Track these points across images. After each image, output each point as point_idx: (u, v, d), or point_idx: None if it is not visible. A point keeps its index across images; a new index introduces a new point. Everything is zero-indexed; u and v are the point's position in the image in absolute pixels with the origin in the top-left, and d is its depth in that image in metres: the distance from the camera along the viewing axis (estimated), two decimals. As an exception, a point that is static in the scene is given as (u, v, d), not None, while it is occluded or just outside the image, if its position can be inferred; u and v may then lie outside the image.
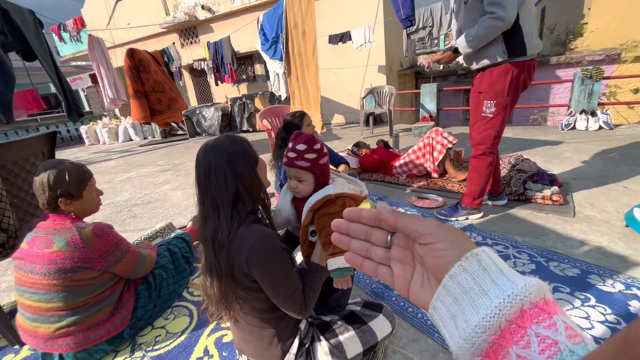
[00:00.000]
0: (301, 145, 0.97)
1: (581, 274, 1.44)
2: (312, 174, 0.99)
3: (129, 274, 1.35)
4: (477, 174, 1.96)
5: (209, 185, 0.84)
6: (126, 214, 3.02)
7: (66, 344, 1.18)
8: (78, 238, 1.16)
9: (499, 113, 1.80)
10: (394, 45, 6.82)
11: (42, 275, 1.13)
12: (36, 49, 2.07)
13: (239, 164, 0.86)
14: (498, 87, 1.76)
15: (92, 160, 6.47)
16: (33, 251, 1.16)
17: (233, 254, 0.82)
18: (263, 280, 0.83)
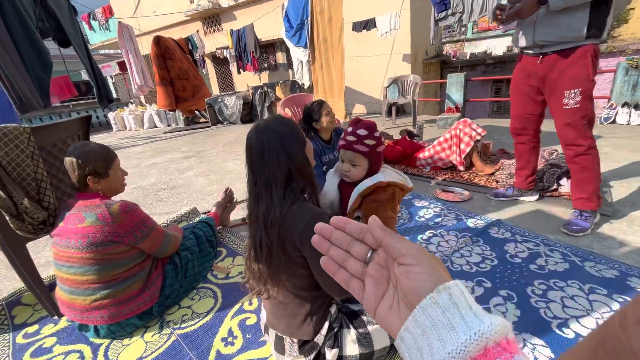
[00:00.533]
0: (362, 131, 0.99)
1: (620, 276, 1.36)
2: (367, 159, 1.01)
3: (156, 251, 1.40)
4: (590, 173, 1.67)
5: (262, 165, 0.86)
6: (152, 197, 3.13)
7: (100, 317, 1.25)
8: (107, 213, 1.22)
9: (586, 101, 1.55)
10: (420, 33, 6.57)
11: (76, 249, 1.21)
12: (71, 35, 2.14)
13: (290, 144, 0.87)
14: (582, 72, 1.51)
15: (120, 146, 6.72)
16: (68, 227, 1.24)
17: (286, 229, 0.84)
18: (313, 257, 0.84)
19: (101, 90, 2.34)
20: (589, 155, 1.64)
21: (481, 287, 1.39)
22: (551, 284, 1.36)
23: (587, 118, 1.59)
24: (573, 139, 1.64)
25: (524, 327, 1.16)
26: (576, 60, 1.52)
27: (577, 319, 1.17)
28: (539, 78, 1.69)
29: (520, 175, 2.07)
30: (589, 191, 1.70)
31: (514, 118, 1.93)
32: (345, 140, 1.01)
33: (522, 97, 1.83)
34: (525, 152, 1.98)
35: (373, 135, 1.00)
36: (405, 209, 2.20)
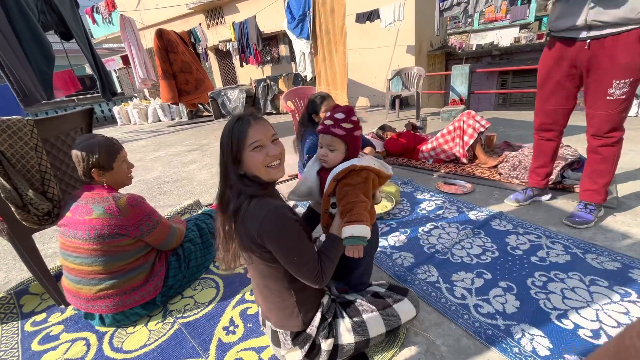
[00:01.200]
0: (340, 114, 0.99)
1: (622, 268, 1.35)
2: (344, 143, 1.00)
3: (160, 244, 1.42)
4: (609, 165, 1.59)
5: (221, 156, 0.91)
6: (156, 190, 3.16)
7: (105, 306, 1.28)
8: (114, 206, 1.24)
9: (632, 92, 1.42)
10: (424, 24, 6.47)
11: (84, 240, 1.23)
12: (73, 28, 2.14)
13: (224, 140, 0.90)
14: (636, 60, 1.36)
15: (124, 140, 6.77)
16: (75, 218, 1.26)
17: (247, 226, 0.86)
18: (277, 251, 0.86)
19: (104, 83, 2.35)
20: (615, 147, 1.56)
21: (481, 278, 1.39)
22: (552, 275, 1.36)
23: (627, 110, 1.49)
24: (605, 131, 1.54)
25: (522, 318, 1.16)
26: (631, 46, 1.35)
27: (576, 310, 1.17)
28: (583, 64, 1.51)
29: (539, 174, 1.92)
30: (600, 183, 1.65)
31: (543, 113, 1.76)
32: (323, 125, 1.01)
33: (556, 89, 1.66)
34: (549, 150, 1.83)
35: (350, 119, 0.99)
36: (407, 202, 2.20)
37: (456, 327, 1.17)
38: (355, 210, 0.92)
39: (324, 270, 0.92)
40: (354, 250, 0.92)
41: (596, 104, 1.52)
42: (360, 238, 0.91)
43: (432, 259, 1.56)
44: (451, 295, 1.31)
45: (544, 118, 1.77)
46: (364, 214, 0.93)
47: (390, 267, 1.54)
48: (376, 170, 1.01)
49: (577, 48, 1.50)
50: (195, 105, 5.91)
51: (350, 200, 0.94)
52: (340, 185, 0.98)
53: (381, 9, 5.42)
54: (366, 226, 0.91)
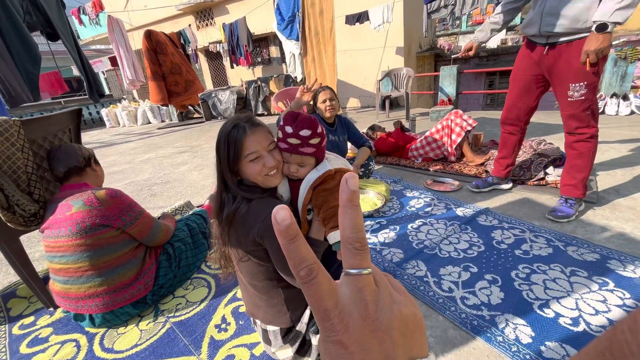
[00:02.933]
0: (305, 131, 0.91)
1: (601, 259, 1.41)
2: (315, 158, 0.97)
3: (146, 237, 1.43)
4: (585, 160, 1.67)
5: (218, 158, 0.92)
6: (146, 192, 3.13)
7: (95, 305, 1.28)
8: (94, 198, 1.27)
9: (591, 93, 1.53)
10: (413, 25, 6.56)
11: (67, 236, 1.23)
12: (59, 29, 2.12)
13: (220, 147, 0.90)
14: (582, 66, 1.47)
15: (114, 142, 6.67)
16: (57, 217, 1.27)
17: (247, 225, 0.87)
18: (274, 250, 0.87)
19: (92, 84, 2.33)
20: (589, 143, 1.65)
21: (468, 272, 1.43)
22: (535, 267, 1.40)
23: (590, 109, 1.58)
24: (574, 128, 1.65)
25: (506, 309, 1.20)
26: (578, 53, 1.47)
27: (557, 299, 1.21)
28: (545, 68, 1.65)
29: (500, 164, 2.10)
30: (578, 178, 1.73)
31: (508, 107, 1.92)
32: (288, 144, 0.92)
33: (522, 87, 1.80)
34: (511, 143, 2.01)
35: (317, 132, 0.93)
36: (396, 199, 2.24)
37: (443, 318, 1.20)
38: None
39: None
40: None
41: (561, 104, 1.65)
42: None
43: (420, 254, 1.59)
44: (439, 288, 1.35)
45: (508, 113, 1.92)
46: None
47: (380, 263, 1.57)
48: (346, 170, 1.01)
49: (539, 53, 1.64)
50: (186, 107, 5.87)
51: (332, 205, 0.93)
52: (317, 191, 0.96)
53: (370, 10, 5.48)
54: None
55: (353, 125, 2.43)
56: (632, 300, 1.17)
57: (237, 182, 0.92)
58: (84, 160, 1.39)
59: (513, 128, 1.96)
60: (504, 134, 2.03)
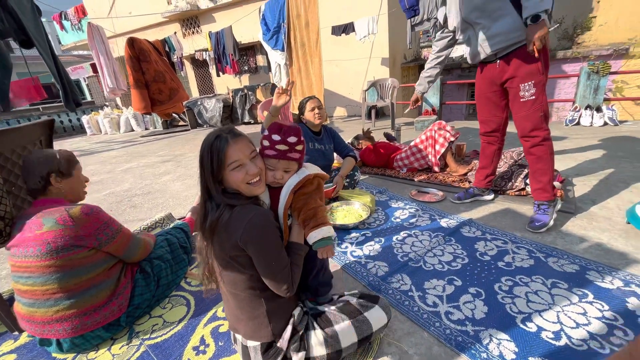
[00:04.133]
0: (292, 138, 1.00)
1: (580, 270, 1.43)
2: (298, 163, 1.05)
3: (123, 254, 1.36)
4: (545, 163, 1.78)
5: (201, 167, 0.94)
6: (126, 204, 3.02)
7: (63, 329, 1.19)
8: (67, 216, 1.18)
9: (541, 92, 1.68)
10: (397, 37, 6.71)
11: (35, 257, 1.15)
12: (34, 36, 2.04)
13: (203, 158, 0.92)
14: (533, 66, 1.65)
15: (94, 150, 6.47)
16: (25, 236, 1.17)
17: (229, 231, 0.88)
18: (257, 255, 0.89)
19: (68, 93, 2.25)
20: (543, 146, 1.76)
21: (452, 285, 1.42)
22: (517, 280, 1.41)
23: (542, 110, 1.71)
24: (529, 131, 1.76)
25: (490, 323, 1.19)
26: (527, 55, 1.64)
27: (539, 312, 1.22)
28: (500, 80, 1.81)
29: (481, 174, 2.16)
30: (544, 181, 1.82)
31: (483, 122, 2.05)
32: (277, 150, 1.00)
33: (488, 104, 1.97)
34: (490, 152, 2.09)
35: (301, 140, 1.03)
36: (382, 210, 2.23)
37: (428, 335, 1.19)
38: (319, 214, 0.99)
39: (294, 278, 0.96)
40: (325, 251, 0.99)
41: (515, 108, 1.79)
42: (327, 238, 0.98)
43: (405, 267, 1.58)
44: (423, 303, 1.34)
45: (485, 127, 2.05)
46: (326, 216, 1.02)
47: (365, 277, 1.55)
48: (322, 175, 1.09)
49: (491, 69, 1.84)
50: (170, 115, 5.77)
51: (312, 207, 1.00)
52: (297, 195, 1.03)
53: (356, 22, 5.58)
54: (330, 226, 0.99)
55: (338, 135, 2.44)
56: (610, 312, 1.18)
57: (221, 190, 0.94)
58: (40, 180, 1.25)
59: (491, 138, 2.06)
60: (483, 144, 2.12)
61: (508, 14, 1.62)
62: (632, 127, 3.76)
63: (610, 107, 3.99)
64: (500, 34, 1.68)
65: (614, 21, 6.51)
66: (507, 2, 1.62)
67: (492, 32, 1.69)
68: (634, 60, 6.08)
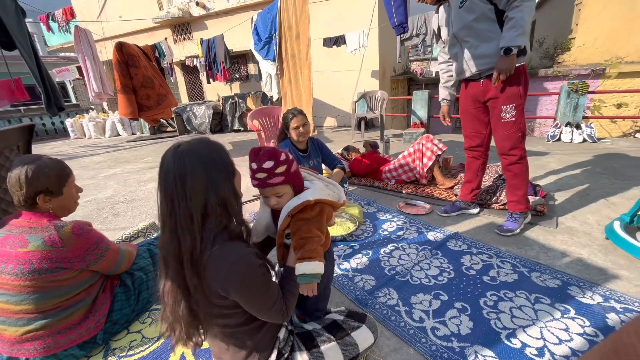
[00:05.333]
0: (268, 163, 0.92)
1: (562, 285, 1.46)
2: (289, 185, 0.98)
3: (109, 270, 1.31)
4: (520, 179, 1.90)
5: (183, 194, 0.76)
6: (108, 211, 2.93)
7: (34, 349, 1.13)
8: (57, 237, 1.11)
9: (520, 115, 1.78)
10: (387, 51, 6.87)
11: (14, 275, 1.07)
12: (16, 38, 1.98)
13: (216, 174, 0.80)
14: (514, 90, 1.73)
15: (77, 155, 6.28)
16: (5, 250, 1.10)
17: (208, 275, 0.77)
18: (244, 300, 0.82)
19: (50, 96, 2.19)
20: (520, 164, 1.87)
21: (438, 300, 1.42)
22: (502, 294, 1.43)
23: (521, 131, 1.81)
24: (508, 149, 1.85)
25: (475, 339, 1.20)
26: (509, 80, 1.72)
27: (523, 328, 1.23)
28: (483, 97, 1.88)
29: (466, 188, 2.22)
30: (519, 195, 1.93)
31: (467, 137, 2.12)
32: (257, 179, 0.94)
33: (472, 120, 2.03)
34: (476, 167, 2.15)
35: (280, 161, 0.93)
36: (369, 222, 2.24)
37: (414, 351, 1.18)
38: (308, 247, 0.92)
39: (288, 306, 0.90)
40: (308, 288, 0.92)
41: (496, 127, 1.87)
42: (313, 275, 0.90)
43: (392, 281, 1.58)
44: (410, 318, 1.33)
45: (470, 141, 2.11)
46: (317, 250, 0.92)
47: (352, 290, 1.53)
48: (329, 202, 1.00)
49: (475, 87, 1.90)
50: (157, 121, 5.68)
51: (303, 236, 0.93)
52: (295, 219, 0.96)
53: (347, 35, 5.68)
54: (319, 262, 0.91)
55: (326, 147, 2.44)
56: (591, 328, 1.21)
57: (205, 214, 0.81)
58: (27, 199, 1.13)
59: (475, 153, 2.12)
60: (468, 159, 2.19)
61: (495, 37, 1.68)
62: (610, 144, 3.92)
63: (589, 125, 4.15)
64: (486, 55, 1.74)
65: (591, 42, 6.84)
66: (496, 25, 1.68)
67: (479, 52, 1.76)
68: (610, 80, 6.39)
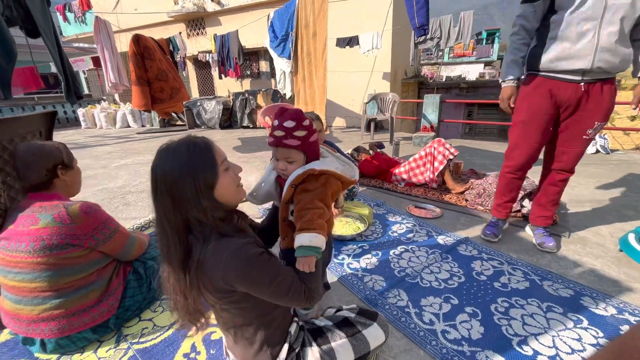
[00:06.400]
0: (289, 122, 0.88)
1: (575, 295, 1.44)
2: (302, 153, 0.92)
3: (119, 253, 1.32)
4: (561, 195, 1.81)
5: (156, 199, 0.76)
6: (119, 201, 2.97)
7: (49, 329, 1.15)
8: (65, 214, 1.14)
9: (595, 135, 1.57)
10: (400, 53, 6.85)
11: (27, 253, 1.10)
12: (40, 26, 2.02)
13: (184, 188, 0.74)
14: (610, 106, 1.51)
15: (88, 144, 6.36)
16: (18, 230, 1.13)
17: (208, 274, 0.77)
18: (252, 290, 0.80)
19: (70, 85, 2.22)
20: (566, 182, 1.78)
21: (449, 303, 1.42)
22: (513, 301, 1.42)
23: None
24: (571, 167, 1.70)
25: (486, 344, 1.19)
26: (609, 93, 1.51)
27: (535, 336, 1.22)
28: (571, 104, 1.55)
29: (506, 207, 1.96)
30: (553, 210, 1.87)
31: (526, 151, 1.71)
32: (274, 137, 0.89)
33: (542, 130, 1.64)
34: (517, 187, 1.89)
35: (302, 125, 0.89)
36: (379, 223, 2.23)
37: (424, 353, 1.17)
38: (308, 217, 0.85)
39: (310, 287, 0.86)
40: (305, 262, 0.83)
41: (571, 141, 1.63)
42: (312, 248, 0.83)
43: (402, 282, 1.57)
44: (420, 320, 1.33)
45: (526, 156, 1.72)
46: (318, 222, 0.85)
47: (362, 290, 1.53)
48: (337, 175, 0.94)
49: (570, 89, 1.52)
50: (169, 114, 5.75)
51: (304, 207, 0.87)
52: (298, 191, 0.91)
53: (361, 36, 5.69)
54: (318, 234, 0.83)
55: (338, 149, 2.44)
56: (604, 340, 1.19)
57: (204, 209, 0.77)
58: (47, 173, 1.20)
59: (523, 172, 1.84)
60: (512, 179, 1.85)
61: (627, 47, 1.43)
62: (623, 156, 3.87)
63: (603, 136, 4.10)
64: (620, 53, 1.41)
65: (607, 53, 6.76)
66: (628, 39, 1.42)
67: (618, 49, 1.40)
68: (625, 92, 6.31)
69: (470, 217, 2.29)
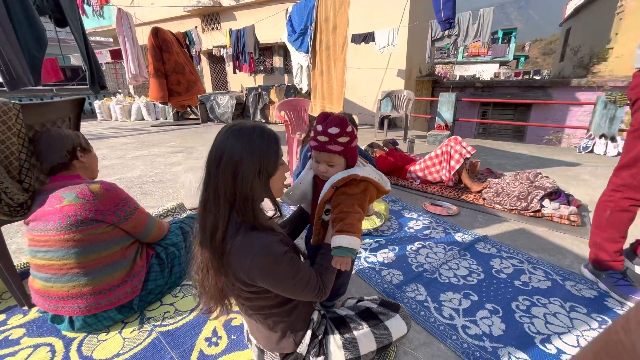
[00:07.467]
0: (334, 129, 0.93)
1: (599, 296, 1.41)
2: (344, 157, 0.97)
3: (140, 232, 1.36)
4: None
5: (216, 172, 0.78)
6: (137, 190, 3.03)
7: (77, 307, 1.19)
8: (87, 191, 1.19)
9: None
10: (415, 50, 6.77)
11: (55, 230, 1.15)
12: (68, 15, 2.07)
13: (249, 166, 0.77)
14: None
15: (104, 135, 6.49)
16: (45, 210, 1.18)
17: (233, 266, 0.79)
18: (273, 287, 0.82)
19: (94, 74, 2.27)
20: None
21: (468, 299, 1.41)
22: (534, 300, 1.40)
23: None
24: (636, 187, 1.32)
25: (508, 341, 1.18)
26: None
27: (559, 335, 1.20)
28: None
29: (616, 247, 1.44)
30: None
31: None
32: (317, 141, 0.94)
33: None
34: (629, 219, 1.39)
35: (345, 131, 0.93)
36: (395, 219, 2.22)
37: (445, 347, 1.17)
38: (348, 220, 0.90)
39: (325, 283, 0.90)
40: (342, 262, 0.89)
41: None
42: (349, 249, 0.88)
43: (420, 277, 1.57)
44: (439, 315, 1.32)
45: None
46: (357, 225, 0.91)
47: (380, 283, 1.53)
48: (375, 183, 1.00)
49: None
50: (184, 107, 5.82)
51: (344, 210, 0.92)
52: (338, 192, 0.96)
53: (376, 32, 5.63)
54: (357, 238, 0.89)
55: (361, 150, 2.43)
56: (631, 341, 1.17)
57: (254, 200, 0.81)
58: (67, 154, 1.28)
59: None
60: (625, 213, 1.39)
61: None
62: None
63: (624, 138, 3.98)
64: None
65: (630, 54, 6.54)
66: None
67: None
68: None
69: (488, 216, 2.26)
